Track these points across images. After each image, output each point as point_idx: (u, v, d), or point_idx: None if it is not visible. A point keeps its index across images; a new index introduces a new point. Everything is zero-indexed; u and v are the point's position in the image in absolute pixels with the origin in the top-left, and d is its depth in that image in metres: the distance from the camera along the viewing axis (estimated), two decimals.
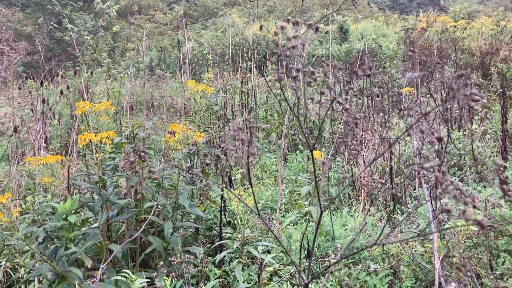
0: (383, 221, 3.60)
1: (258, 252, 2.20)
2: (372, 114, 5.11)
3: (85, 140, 2.40)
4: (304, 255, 2.74)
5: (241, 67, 9.59)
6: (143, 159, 1.15)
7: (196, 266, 2.79)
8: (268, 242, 2.48)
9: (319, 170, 3.41)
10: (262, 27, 1.10)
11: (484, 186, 3.91)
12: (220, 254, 2.52)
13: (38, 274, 2.16)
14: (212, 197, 3.39)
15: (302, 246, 2.63)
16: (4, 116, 4.99)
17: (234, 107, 7.01)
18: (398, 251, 2.95)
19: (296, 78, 1.16)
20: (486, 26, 12.03)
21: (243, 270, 2.70)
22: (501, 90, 5.70)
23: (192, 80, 3.12)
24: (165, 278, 2.11)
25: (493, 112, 5.94)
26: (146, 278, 2.17)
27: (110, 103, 2.68)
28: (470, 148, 4.71)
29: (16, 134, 4.69)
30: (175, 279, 2.10)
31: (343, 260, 2.66)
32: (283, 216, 3.87)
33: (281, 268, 2.43)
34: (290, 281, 2.79)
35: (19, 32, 17.02)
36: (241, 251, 2.36)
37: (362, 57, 6.64)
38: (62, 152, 5.38)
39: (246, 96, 7.26)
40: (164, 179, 2.73)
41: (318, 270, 2.91)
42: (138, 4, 23.65)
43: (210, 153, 3.08)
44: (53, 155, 5.24)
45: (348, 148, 3.71)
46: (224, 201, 3.18)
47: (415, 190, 4.24)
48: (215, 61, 12.12)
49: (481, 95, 0.92)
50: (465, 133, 5.16)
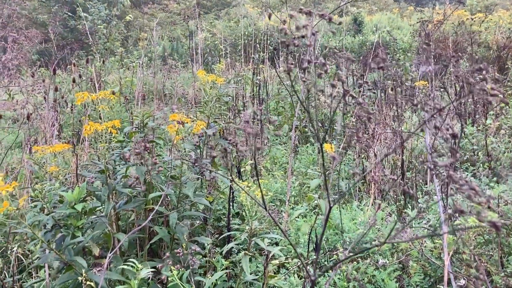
0: (393, 215, 3.57)
1: (265, 244, 2.20)
2: (385, 108, 5.05)
3: (90, 130, 2.40)
4: (312, 248, 2.72)
5: (253, 58, 9.54)
6: (148, 150, 1.14)
7: (204, 257, 2.79)
8: (276, 235, 2.47)
9: (329, 164, 3.39)
10: (271, 16, 1.08)
11: (497, 183, 3.85)
12: (227, 245, 2.52)
13: (45, 262, 2.17)
14: (221, 188, 3.38)
15: (311, 239, 2.62)
16: (16, 104, 5.03)
17: (245, 98, 6.98)
18: (407, 246, 2.92)
19: (307, 70, 1.14)
20: (503, 20, 11.80)
21: (250, 261, 2.70)
22: None
23: (202, 70, 3.10)
24: (172, 268, 2.11)
25: (508, 107, 5.83)
26: (152, 268, 2.18)
27: (109, 92, 2.68)
28: (484, 143, 4.64)
29: (28, 121, 4.73)
30: (182, 269, 2.10)
31: (351, 254, 2.65)
32: (292, 208, 3.86)
33: (288, 261, 2.43)
34: (297, 273, 2.79)
35: (34, 21, 17.12)
36: (248, 242, 2.36)
37: (376, 49, 6.56)
38: (74, 140, 5.41)
39: (258, 88, 7.23)
40: (173, 169, 2.73)
41: (326, 263, 2.90)
42: None
43: (219, 144, 3.07)
44: (65, 143, 5.28)
45: (360, 142, 3.67)
46: (233, 192, 3.18)
47: (426, 185, 4.20)
48: (227, 51, 12.08)
49: (499, 90, 0.89)
50: (479, 128, 5.08)
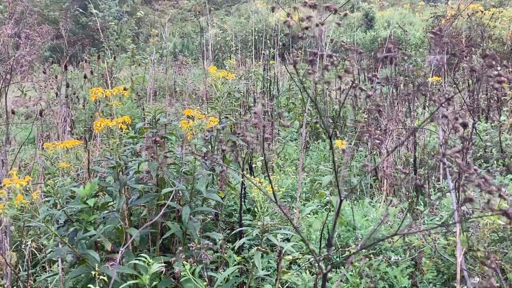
0: (405, 212, 3.55)
1: (278, 240, 2.19)
2: (397, 103, 5.01)
3: (100, 126, 2.41)
4: (324, 245, 2.71)
5: (263, 54, 9.52)
6: (158, 144, 1.13)
7: (216, 252, 2.80)
8: (288, 231, 2.46)
9: (341, 159, 3.37)
10: (274, 9, 1.07)
11: (510, 180, 3.80)
12: (239, 240, 2.52)
13: (57, 256, 2.19)
14: (232, 183, 3.38)
15: (322, 235, 2.61)
16: (29, 100, 5.08)
17: (256, 94, 6.97)
18: (420, 243, 2.90)
19: (313, 62, 1.12)
20: None
21: (262, 257, 2.70)
22: None
23: (213, 66, 3.10)
24: (184, 262, 2.12)
25: None
26: (164, 263, 2.19)
27: (123, 88, 2.68)
28: (498, 140, 4.58)
29: (41, 117, 4.77)
30: (194, 264, 2.10)
31: (363, 250, 2.63)
32: (304, 204, 3.85)
33: (300, 257, 2.42)
34: (309, 269, 2.78)
35: (45, 17, 17.24)
36: (260, 238, 2.35)
37: (387, 45, 6.48)
38: (86, 136, 5.45)
39: (269, 83, 7.22)
40: (185, 164, 2.73)
41: (338, 260, 2.89)
42: None
43: (230, 139, 3.07)
44: (77, 139, 5.32)
45: (372, 137, 3.65)
46: (244, 188, 3.17)
47: (439, 181, 4.16)
48: (238, 47, 12.07)
49: (506, 76, 0.87)
50: (492, 124, 5.02)
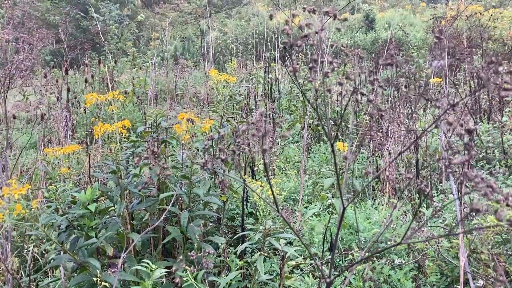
0: (408, 214, 3.53)
1: (281, 244, 2.18)
2: (398, 105, 5.00)
3: (100, 131, 2.40)
4: (326, 248, 2.70)
5: (264, 56, 9.52)
6: (156, 155, 1.12)
7: (218, 256, 2.78)
8: (290, 234, 2.45)
9: (342, 162, 3.36)
10: (272, 16, 1.06)
11: None
12: (242, 245, 2.50)
13: (59, 264, 2.18)
14: (234, 187, 3.37)
15: (325, 239, 2.60)
16: (30, 104, 5.08)
17: (257, 97, 6.97)
18: (423, 246, 2.88)
19: (313, 69, 1.11)
20: None
21: (264, 261, 2.69)
22: None
23: (214, 69, 3.09)
24: (187, 268, 2.11)
25: None
26: (166, 268, 2.17)
27: (119, 92, 2.68)
28: (500, 141, 4.56)
29: (42, 121, 4.76)
30: (196, 270, 2.09)
31: (367, 254, 2.62)
32: (306, 207, 3.83)
33: (303, 262, 2.41)
34: (312, 273, 2.77)
35: (46, 22, 17.27)
36: (263, 242, 2.34)
37: (388, 46, 6.49)
38: (87, 141, 5.44)
39: (270, 86, 7.21)
40: (184, 168, 2.72)
41: (341, 263, 2.87)
42: None
43: (231, 144, 3.05)
44: (78, 143, 5.31)
45: (373, 140, 3.64)
46: (247, 191, 3.16)
47: (441, 183, 4.14)
48: (238, 50, 12.07)
49: None
50: (494, 125, 5.01)
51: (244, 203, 3.04)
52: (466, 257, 2.33)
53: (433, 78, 5.34)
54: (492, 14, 8.32)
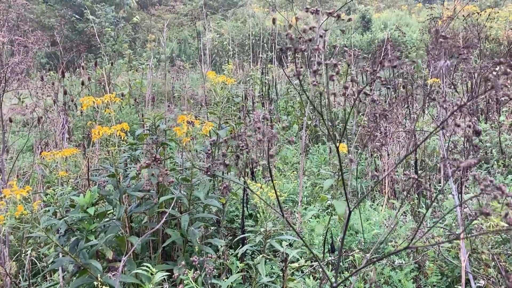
0: (408, 215, 3.53)
1: (282, 246, 2.17)
2: (397, 106, 5.01)
3: (98, 134, 2.38)
4: (327, 250, 2.69)
5: (261, 57, 9.52)
6: (158, 161, 1.11)
7: (218, 259, 2.77)
8: (291, 236, 2.44)
9: (347, 166, 3.35)
10: (275, 20, 1.05)
11: None
12: (242, 247, 2.49)
13: (60, 266, 2.16)
14: (233, 189, 3.36)
15: (326, 240, 2.59)
16: (26, 108, 5.05)
17: (254, 98, 6.96)
18: (423, 246, 2.88)
19: (317, 73, 1.10)
20: None
21: (265, 263, 2.67)
22: None
23: (212, 71, 3.08)
24: (188, 271, 2.09)
25: None
26: (166, 271, 2.16)
27: (115, 95, 2.66)
28: (497, 140, 4.57)
29: (39, 124, 4.74)
30: (197, 272, 2.08)
31: (367, 255, 2.61)
32: (305, 209, 3.82)
33: (305, 264, 2.40)
34: (313, 274, 2.76)
35: (42, 24, 17.21)
36: (263, 244, 2.33)
37: (385, 46, 6.50)
38: (85, 143, 5.42)
39: (267, 87, 7.20)
40: (184, 171, 2.71)
41: (341, 264, 2.86)
42: None
43: (231, 145, 3.04)
44: (75, 146, 5.28)
45: (373, 141, 3.63)
46: (246, 194, 3.15)
47: (440, 183, 4.14)
48: (235, 51, 12.06)
49: None
50: (492, 125, 5.02)
51: (244, 205, 3.03)
52: (467, 257, 2.33)
53: (430, 78, 5.34)
54: (490, 14, 8.34)
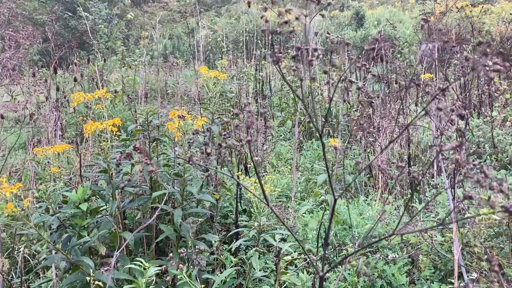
0: (401, 209, 3.54)
1: (276, 240, 2.17)
2: (390, 101, 5.02)
3: (91, 129, 2.37)
4: (320, 244, 2.70)
5: (255, 54, 9.50)
6: (140, 152, 1.10)
7: (212, 254, 2.76)
8: (285, 231, 2.44)
9: (334, 158, 3.36)
10: (267, 9, 1.04)
11: (505, 175, 3.81)
12: (236, 242, 2.49)
13: (51, 263, 2.15)
14: (227, 184, 3.35)
15: (319, 234, 2.59)
16: (18, 104, 5.02)
17: (248, 94, 6.95)
18: (416, 240, 2.89)
19: (297, 58, 1.09)
20: (506, 11, 11.71)
21: (259, 258, 2.67)
22: None
23: (204, 66, 3.07)
24: (181, 266, 2.09)
25: None
26: (159, 266, 2.15)
27: (106, 90, 2.65)
28: (490, 135, 4.59)
29: (30, 120, 4.70)
30: (190, 268, 2.07)
31: (360, 248, 2.62)
32: (299, 204, 3.83)
33: (298, 257, 2.40)
34: (306, 269, 2.76)
35: (34, 21, 17.08)
36: (257, 239, 2.33)
37: (378, 43, 6.50)
38: (78, 140, 5.39)
39: (261, 84, 7.20)
40: (176, 166, 2.70)
41: (335, 259, 2.87)
42: None
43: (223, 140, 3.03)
44: (68, 143, 5.26)
45: (365, 134, 3.64)
46: (240, 188, 3.15)
47: (433, 178, 4.16)
48: (229, 48, 12.03)
49: (502, 65, 0.85)
50: (485, 120, 5.04)
51: (238, 200, 3.02)
52: (459, 250, 2.34)
53: (423, 74, 5.35)
54: (482, 8, 8.37)
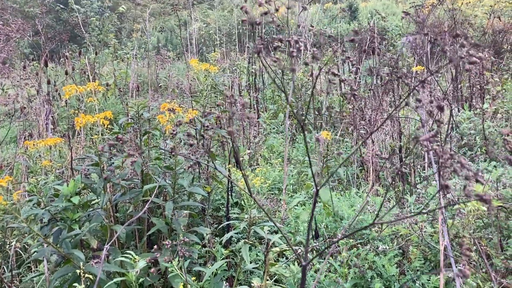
0: (391, 201, 3.57)
1: (265, 232, 2.18)
2: (381, 94, 5.03)
3: (82, 122, 2.37)
4: (311, 236, 2.71)
5: (248, 47, 9.47)
6: (123, 142, 1.10)
7: (204, 247, 2.78)
8: (276, 223, 2.45)
9: (327, 150, 3.37)
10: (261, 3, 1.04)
11: (495, 166, 3.84)
12: (227, 234, 2.50)
13: (42, 256, 2.15)
14: (219, 177, 3.36)
15: (310, 227, 2.61)
16: (8, 98, 4.98)
17: (241, 87, 6.95)
18: (407, 232, 2.91)
19: (278, 49, 1.10)
20: (498, 3, 11.73)
21: (250, 250, 2.69)
22: None
23: (195, 59, 3.06)
24: (171, 258, 2.10)
25: (505, 91, 5.81)
26: (151, 259, 2.16)
27: (98, 84, 2.64)
28: (481, 128, 4.63)
29: (21, 114, 4.68)
30: (181, 260, 2.08)
31: (351, 240, 2.63)
32: (291, 197, 3.84)
33: (287, 249, 2.42)
34: (297, 261, 2.78)
35: (25, 14, 16.91)
36: (248, 231, 2.34)
37: (371, 35, 6.52)
38: (69, 134, 5.37)
39: (254, 77, 7.19)
40: (168, 159, 2.71)
41: (326, 251, 2.89)
42: None
43: (216, 134, 3.04)
44: (60, 137, 5.24)
45: (357, 128, 3.66)
46: (231, 181, 3.15)
47: (424, 170, 4.19)
48: (222, 41, 11.99)
49: (480, 56, 0.86)
50: (476, 112, 5.07)
51: (229, 193, 3.03)
52: (448, 241, 2.37)
53: (415, 67, 5.37)
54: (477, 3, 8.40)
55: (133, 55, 6.52)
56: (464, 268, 2.33)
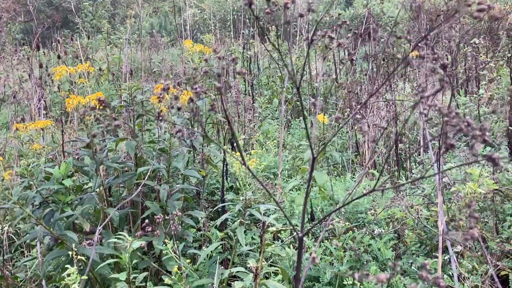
0: (387, 185, 3.56)
1: (261, 213, 2.16)
2: (378, 78, 5.00)
3: (73, 103, 2.32)
4: (307, 220, 2.69)
5: (243, 33, 9.38)
6: (102, 104, 1.07)
7: (198, 230, 2.75)
8: (270, 205, 2.43)
9: (323, 134, 3.35)
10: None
11: (490, 151, 3.84)
12: (222, 216, 2.48)
13: (34, 238, 2.12)
14: (214, 161, 3.33)
15: (305, 210, 2.59)
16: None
17: (235, 72, 6.89)
18: (402, 215, 2.90)
19: (267, 30, 1.06)
20: None
21: (245, 233, 2.67)
22: (509, 55, 5.55)
23: (189, 40, 3.00)
24: (166, 241, 2.07)
25: (500, 77, 5.80)
26: (145, 242, 2.13)
27: (88, 65, 2.59)
28: (477, 113, 4.62)
29: (15, 99, 4.61)
30: (177, 242, 2.06)
31: (347, 223, 2.62)
32: (286, 181, 3.83)
33: (283, 228, 2.40)
34: (293, 244, 2.77)
35: (17, 0, 16.67)
36: (243, 213, 2.32)
37: (367, 22, 6.47)
38: (62, 119, 5.30)
39: (248, 62, 7.13)
40: (162, 142, 2.67)
41: (322, 224, 2.88)
42: None
43: (210, 117, 3.00)
44: (53, 121, 5.16)
45: (352, 111, 3.62)
46: (226, 165, 3.13)
47: (419, 155, 4.18)
48: (216, 27, 11.87)
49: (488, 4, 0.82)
50: (471, 97, 5.06)
51: (225, 176, 3.01)
52: (444, 223, 2.35)
53: (411, 52, 5.33)
54: None
55: (126, 39, 6.43)
56: (461, 250, 2.32)
